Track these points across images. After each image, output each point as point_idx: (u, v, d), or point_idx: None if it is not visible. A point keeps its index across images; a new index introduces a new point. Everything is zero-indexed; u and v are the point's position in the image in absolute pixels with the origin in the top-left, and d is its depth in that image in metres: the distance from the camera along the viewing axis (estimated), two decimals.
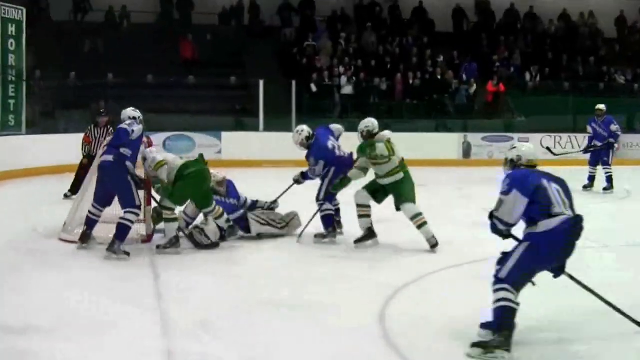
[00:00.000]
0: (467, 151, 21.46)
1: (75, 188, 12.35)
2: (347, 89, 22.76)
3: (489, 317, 5.51)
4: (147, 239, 9.39)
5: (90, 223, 9.09)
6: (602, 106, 15.33)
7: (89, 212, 9.12)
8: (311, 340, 5.94)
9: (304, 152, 9.98)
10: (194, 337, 5.95)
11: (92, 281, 7.61)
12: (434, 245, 9.03)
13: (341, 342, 5.88)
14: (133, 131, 8.89)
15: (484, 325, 5.57)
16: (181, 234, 9.12)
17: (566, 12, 28.62)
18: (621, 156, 19.25)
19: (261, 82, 20.34)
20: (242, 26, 25.96)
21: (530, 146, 6.21)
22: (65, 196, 12.80)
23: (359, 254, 9.11)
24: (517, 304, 5.48)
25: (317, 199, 9.81)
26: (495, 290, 5.50)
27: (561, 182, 5.71)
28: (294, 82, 21.12)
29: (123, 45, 22.65)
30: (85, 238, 9.04)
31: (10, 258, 8.65)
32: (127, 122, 9.06)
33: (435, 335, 6.02)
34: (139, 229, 9.44)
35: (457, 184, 15.27)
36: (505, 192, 5.58)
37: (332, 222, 9.77)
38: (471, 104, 23.99)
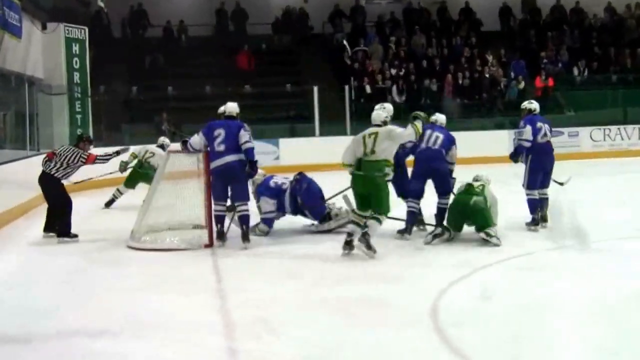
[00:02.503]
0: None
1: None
2: (397, 97, 22.34)
3: None
4: (210, 244, 9.44)
5: (220, 219, 9.70)
6: None
7: (216, 210, 9.55)
8: (372, 338, 5.87)
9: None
10: (255, 336, 5.95)
11: (158, 285, 7.70)
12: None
13: (399, 337, 5.80)
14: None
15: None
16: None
17: (612, 5, 28.16)
18: None
19: (315, 89, 20.39)
20: (295, 34, 25.75)
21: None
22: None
23: (407, 251, 9.13)
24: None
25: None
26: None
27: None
28: (347, 87, 21.21)
29: (182, 59, 23.30)
30: (221, 235, 9.64)
31: (81, 264, 8.85)
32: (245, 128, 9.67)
33: (487, 327, 6.04)
34: (201, 235, 9.56)
35: (509, 180, 15.24)
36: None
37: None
38: (520, 101, 23.59)
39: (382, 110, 9.12)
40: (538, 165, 10.14)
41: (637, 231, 10.02)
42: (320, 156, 18.44)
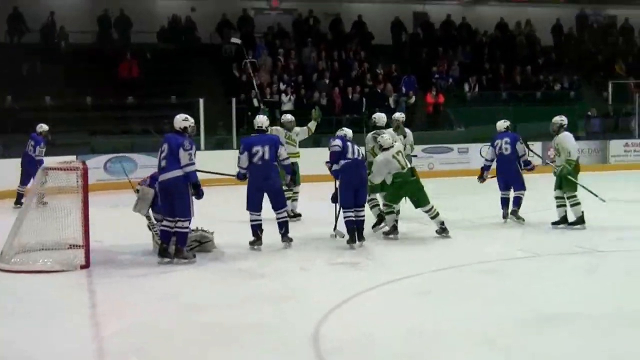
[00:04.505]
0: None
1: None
2: (288, 105, 22.32)
3: None
4: (86, 264, 9.17)
5: (167, 235, 9.75)
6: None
7: (165, 225, 9.65)
8: None
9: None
10: None
11: (26, 312, 7.23)
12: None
13: None
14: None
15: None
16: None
17: (503, 21, 28.91)
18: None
19: (201, 101, 19.95)
20: (182, 43, 25.28)
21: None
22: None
23: (293, 272, 9.22)
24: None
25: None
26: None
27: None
28: (234, 100, 20.89)
29: (61, 67, 22.06)
30: (164, 252, 9.63)
31: None
32: (185, 147, 9.61)
33: (369, 353, 6.12)
34: (77, 255, 9.25)
35: None
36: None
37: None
38: (411, 116, 22.81)
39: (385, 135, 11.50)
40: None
41: (524, 251, 10.06)
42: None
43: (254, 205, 10.55)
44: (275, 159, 10.57)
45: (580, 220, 11.81)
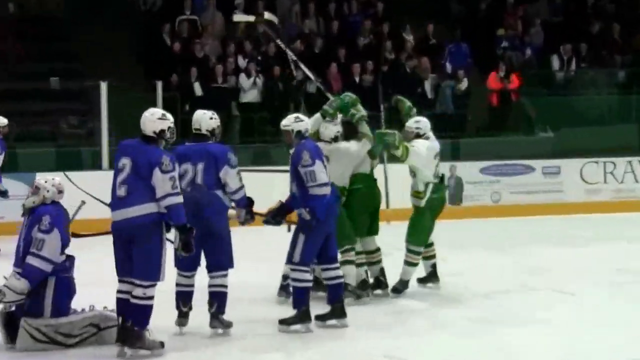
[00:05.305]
0: (455, 192, 20.15)
1: None
2: (252, 94, 21.48)
3: None
4: None
5: (124, 308, 9.32)
6: None
7: (121, 292, 9.34)
8: None
9: None
10: None
11: None
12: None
13: None
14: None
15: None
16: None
17: None
18: None
19: (103, 86, 18.95)
20: None
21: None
22: None
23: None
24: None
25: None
26: None
27: None
28: (159, 85, 19.63)
29: None
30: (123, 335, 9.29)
31: None
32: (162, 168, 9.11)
33: None
34: None
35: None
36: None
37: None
38: (462, 113, 22.69)
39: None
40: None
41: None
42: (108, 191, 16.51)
43: (182, 260, 9.60)
44: (216, 184, 9.74)
45: None
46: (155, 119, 9.14)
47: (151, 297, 9.01)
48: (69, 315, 9.62)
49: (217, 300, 9.91)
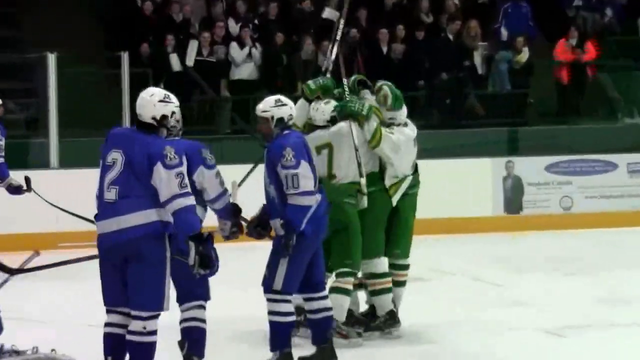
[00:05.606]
0: (513, 197, 20.64)
1: None
2: (246, 69, 21.91)
3: None
4: None
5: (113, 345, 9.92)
6: None
7: (110, 324, 9.83)
8: None
9: None
10: None
11: None
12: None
13: None
14: None
15: None
16: None
17: None
18: None
19: (51, 57, 19.37)
20: None
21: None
22: None
23: None
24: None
25: None
26: None
27: None
28: (124, 56, 19.95)
29: None
30: None
31: None
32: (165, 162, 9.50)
33: None
34: None
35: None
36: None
37: None
38: (521, 94, 23.12)
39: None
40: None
41: None
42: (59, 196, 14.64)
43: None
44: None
45: None
46: (155, 101, 9.01)
47: (153, 332, 9.06)
48: None
49: (189, 338, 10.05)
